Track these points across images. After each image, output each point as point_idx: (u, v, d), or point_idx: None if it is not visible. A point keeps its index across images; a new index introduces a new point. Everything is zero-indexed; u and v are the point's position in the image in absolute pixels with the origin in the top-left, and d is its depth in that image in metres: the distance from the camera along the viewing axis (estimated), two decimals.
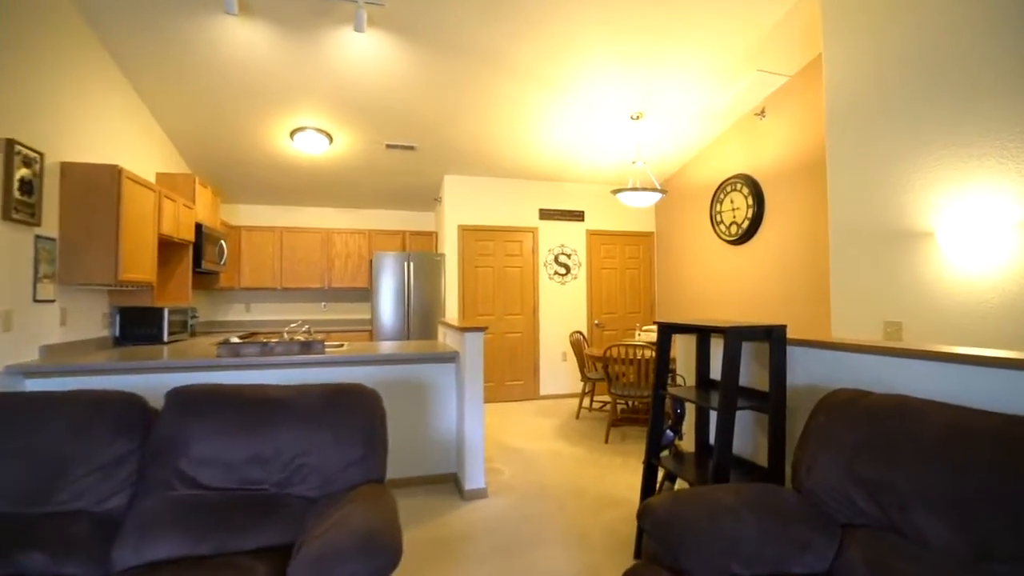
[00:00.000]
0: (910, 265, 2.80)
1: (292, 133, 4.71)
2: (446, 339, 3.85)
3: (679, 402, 2.50)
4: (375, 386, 3.23)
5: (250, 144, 4.87)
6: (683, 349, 2.85)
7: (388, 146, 5.11)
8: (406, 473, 3.30)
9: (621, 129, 4.98)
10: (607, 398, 5.79)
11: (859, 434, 1.52)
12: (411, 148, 5.17)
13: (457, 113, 4.58)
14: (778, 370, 2.00)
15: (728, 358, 1.92)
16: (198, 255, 4.56)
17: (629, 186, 4.66)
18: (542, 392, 6.07)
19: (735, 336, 1.94)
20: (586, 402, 5.62)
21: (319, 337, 3.45)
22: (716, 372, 2.54)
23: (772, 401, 2.00)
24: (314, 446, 1.78)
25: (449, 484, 3.35)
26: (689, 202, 5.87)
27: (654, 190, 4.57)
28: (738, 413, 2.30)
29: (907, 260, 2.80)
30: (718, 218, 5.35)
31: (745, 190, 4.95)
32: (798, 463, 1.66)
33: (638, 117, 4.80)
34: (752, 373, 2.36)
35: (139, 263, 3.45)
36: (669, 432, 2.48)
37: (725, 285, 5.30)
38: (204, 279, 5.39)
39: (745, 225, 4.95)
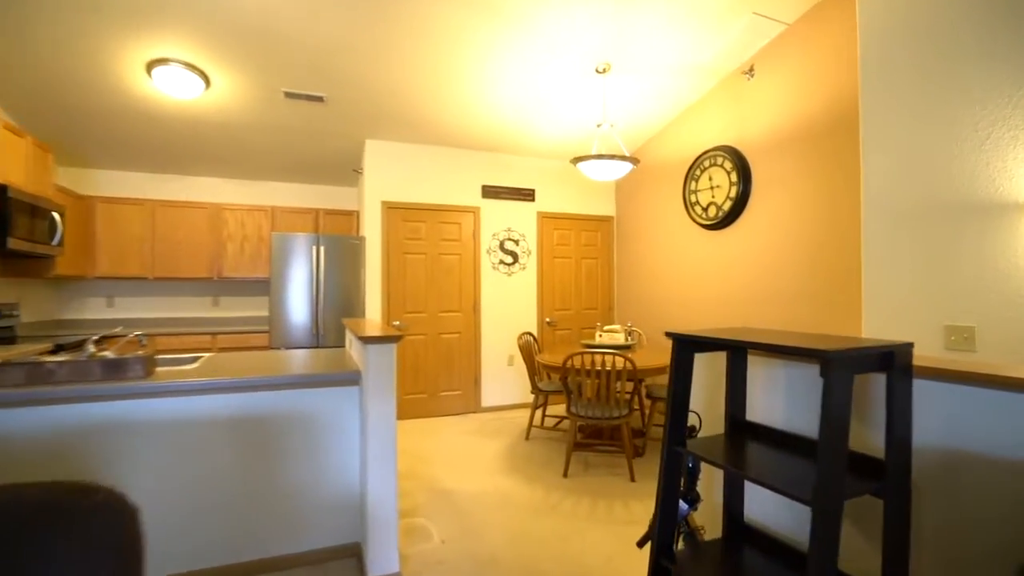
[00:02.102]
0: (985, 250, 2.04)
1: (149, 67, 3.45)
2: (351, 348, 2.80)
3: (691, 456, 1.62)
4: (238, 424, 2.15)
5: (87, 79, 3.56)
6: (700, 373, 1.97)
7: (288, 95, 3.94)
8: (284, 548, 2.24)
9: (584, 85, 4.06)
10: (562, 411, 4.92)
11: None
12: (319, 99, 4.02)
13: (379, 54, 3.50)
14: (902, 423, 1.13)
15: (833, 405, 1.02)
16: (1, 230, 3.24)
17: (594, 153, 3.77)
18: (485, 403, 5.11)
19: (846, 365, 1.05)
20: (537, 417, 4.70)
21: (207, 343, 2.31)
22: (758, 411, 1.66)
23: (891, 477, 1.13)
24: None
25: (348, 561, 2.32)
26: (658, 180, 5.06)
27: (624, 159, 3.69)
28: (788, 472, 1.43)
29: (982, 243, 2.05)
30: (693, 198, 4.56)
31: (728, 164, 4.17)
32: None
33: (605, 70, 3.90)
34: (789, 407, 1.51)
35: None
36: (682, 504, 1.58)
37: (699, 278, 4.53)
38: (30, 265, 4.01)
39: (727, 206, 4.18)
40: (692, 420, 1.80)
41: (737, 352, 1.65)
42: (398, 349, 4.75)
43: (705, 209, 4.42)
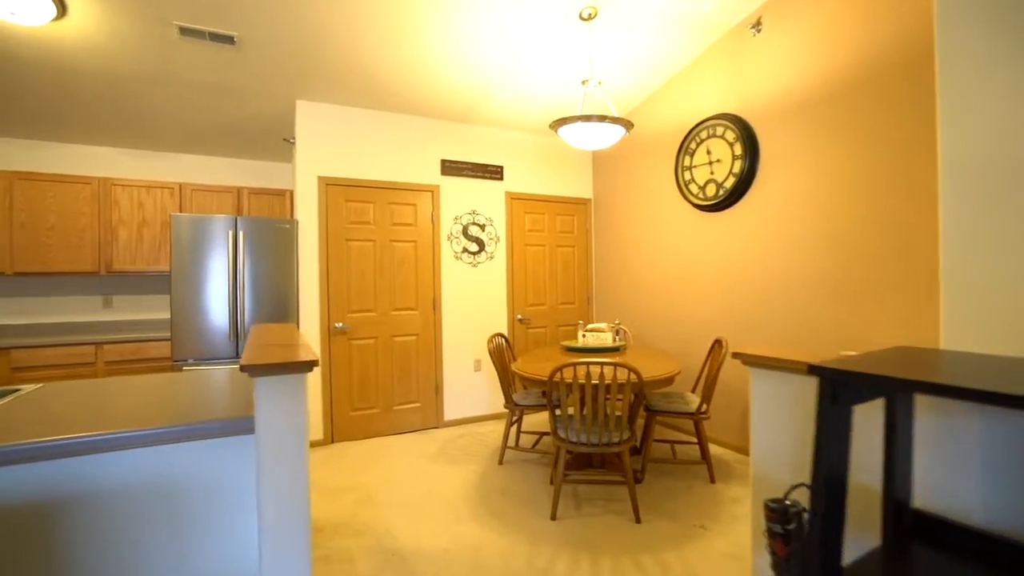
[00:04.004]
0: None
1: None
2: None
3: (785, 510, 0.95)
4: (61, 500, 1.31)
5: None
6: (779, 405, 1.29)
7: (184, 32, 3.01)
8: None
9: (566, 35, 3.34)
10: (540, 424, 4.22)
11: None
12: (228, 40, 3.11)
13: None
14: None
15: None
16: None
17: (579, 113, 3.07)
18: (448, 416, 4.35)
19: None
20: (512, 435, 3.99)
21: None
22: (929, 492, 1.00)
23: None
24: None
25: None
26: (644, 156, 4.41)
27: (617, 121, 3.00)
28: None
29: None
30: (687, 176, 3.94)
31: (730, 135, 3.56)
32: None
33: (591, 16, 3.19)
34: (989, 487, 0.86)
35: None
36: None
37: (694, 268, 3.92)
38: None
39: (729, 184, 3.58)
40: (797, 495, 1.13)
41: (900, 398, 0.97)
42: (343, 355, 3.91)
43: (702, 188, 3.81)
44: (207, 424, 1.38)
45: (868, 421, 1.28)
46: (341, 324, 3.94)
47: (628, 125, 3.05)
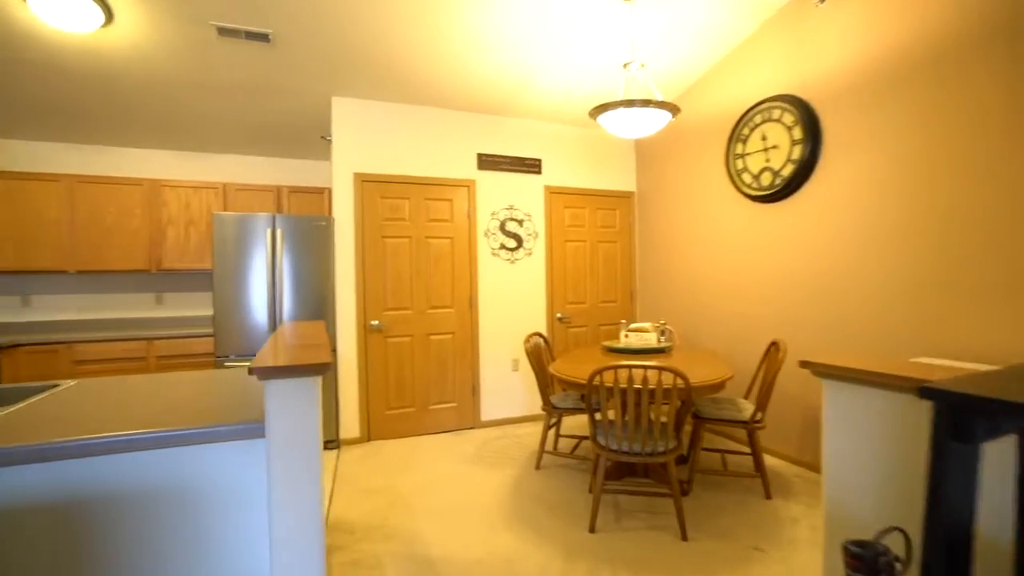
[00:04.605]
0: None
1: None
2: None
3: (874, 558, 0.76)
4: (78, 499, 1.28)
5: None
6: (861, 425, 1.09)
7: (222, 32, 3.03)
8: None
9: (606, 17, 3.15)
10: (580, 427, 4.05)
11: None
12: (263, 38, 3.11)
13: None
14: None
15: None
16: None
17: (621, 98, 2.87)
18: (485, 417, 4.25)
19: None
20: (550, 439, 3.84)
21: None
22: None
23: None
24: None
25: None
26: (691, 144, 4.15)
27: (662, 105, 2.78)
28: None
29: None
30: (739, 164, 3.66)
31: (788, 118, 3.27)
32: None
33: None
34: None
35: None
36: None
37: (747, 264, 3.64)
38: None
39: (787, 171, 3.28)
40: (892, 541, 0.93)
41: None
42: (379, 353, 3.88)
43: (756, 177, 3.52)
44: (217, 428, 1.32)
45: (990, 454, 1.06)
46: (377, 322, 3.91)
47: (674, 109, 2.83)
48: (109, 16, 2.83)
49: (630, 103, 2.76)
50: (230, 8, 2.85)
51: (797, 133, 3.21)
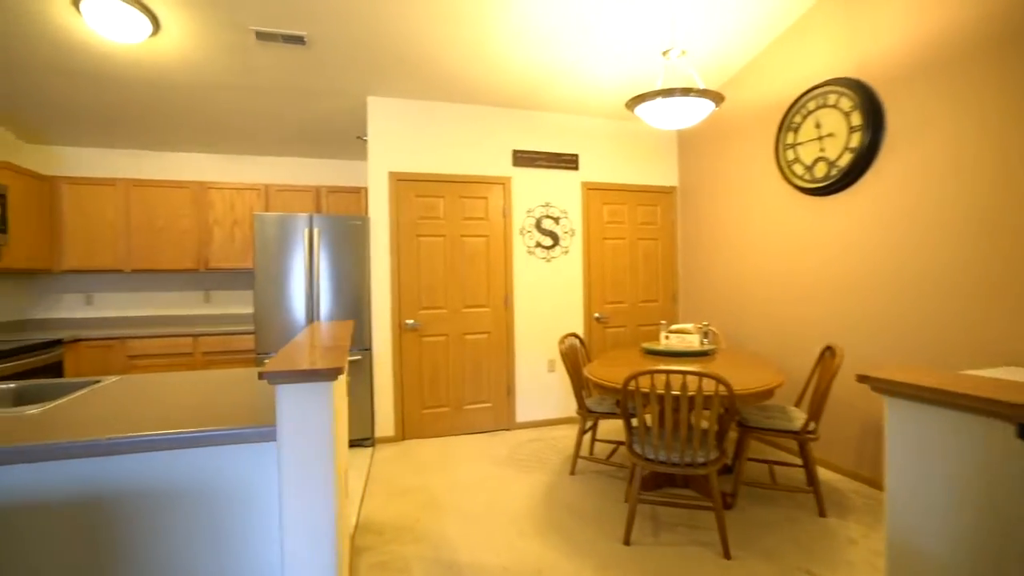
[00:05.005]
0: None
1: None
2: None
3: None
4: (78, 507, 1.30)
5: (9, 23, 2.81)
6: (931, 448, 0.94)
7: (260, 36, 3.08)
8: None
9: (642, 2, 3.00)
10: (617, 431, 3.91)
11: None
12: (298, 41, 3.15)
13: None
14: None
15: None
16: None
17: (660, 87, 2.72)
18: (520, 418, 4.17)
19: None
20: (585, 444, 3.73)
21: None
22: None
23: None
24: None
25: None
26: (737, 136, 3.92)
27: (703, 93, 2.62)
28: None
29: None
30: (790, 155, 3.42)
31: (845, 103, 3.02)
32: None
33: None
34: None
35: None
36: None
37: (799, 262, 3.40)
38: None
39: (844, 161, 3.03)
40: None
41: None
42: (414, 352, 3.87)
43: (809, 168, 3.28)
44: (234, 431, 1.30)
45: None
46: (412, 321, 3.90)
47: (717, 98, 2.66)
48: (156, 26, 2.93)
49: (669, 92, 2.61)
50: (267, 13, 2.89)
51: (856, 119, 2.96)
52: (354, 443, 3.76)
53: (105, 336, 3.79)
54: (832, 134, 3.11)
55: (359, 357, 3.73)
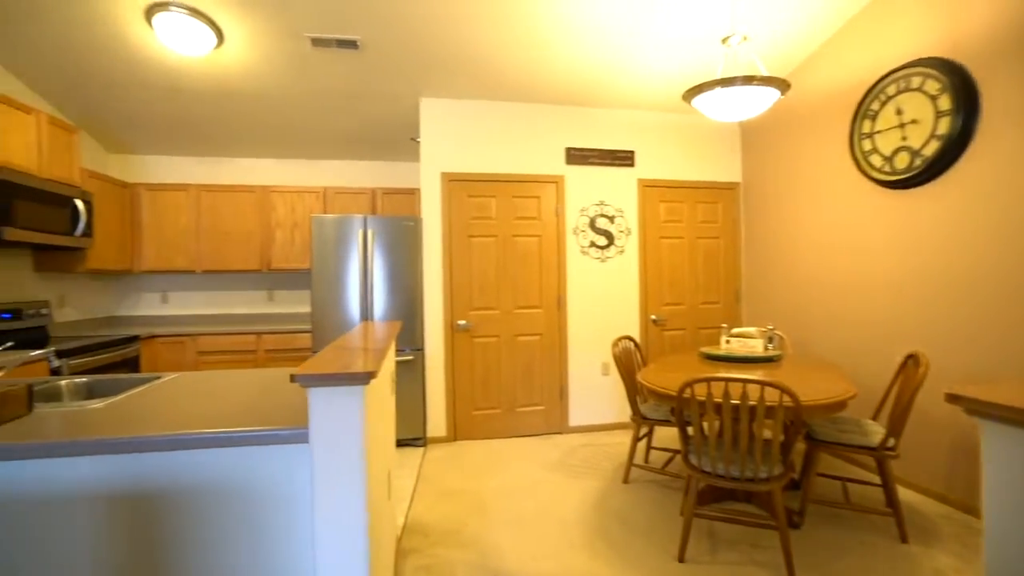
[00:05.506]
0: None
1: (148, 12, 2.84)
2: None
3: None
4: (121, 503, 1.34)
5: (88, 36, 3.04)
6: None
7: (315, 43, 3.17)
8: None
9: None
10: (672, 439, 3.75)
11: None
12: (352, 45, 3.21)
13: None
14: None
15: None
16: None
17: (719, 76, 2.56)
18: (573, 422, 4.09)
19: None
20: (640, 451, 3.60)
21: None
22: None
23: None
24: None
25: None
26: (807, 125, 3.66)
27: (766, 81, 2.44)
28: None
29: None
30: (867, 145, 3.14)
31: (932, 86, 2.73)
32: None
33: None
34: None
35: None
36: None
37: (876, 262, 3.11)
38: (59, 258, 3.66)
39: (930, 150, 2.75)
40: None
41: None
42: (466, 353, 3.88)
43: (889, 159, 3.00)
44: (270, 432, 1.30)
45: None
46: (464, 322, 3.90)
47: (782, 86, 2.47)
48: (220, 38, 3.08)
49: (728, 81, 2.45)
50: (321, 19, 2.97)
51: (944, 103, 2.67)
52: (406, 443, 3.80)
53: (177, 333, 4.03)
54: (916, 120, 2.83)
55: (411, 357, 3.77)
